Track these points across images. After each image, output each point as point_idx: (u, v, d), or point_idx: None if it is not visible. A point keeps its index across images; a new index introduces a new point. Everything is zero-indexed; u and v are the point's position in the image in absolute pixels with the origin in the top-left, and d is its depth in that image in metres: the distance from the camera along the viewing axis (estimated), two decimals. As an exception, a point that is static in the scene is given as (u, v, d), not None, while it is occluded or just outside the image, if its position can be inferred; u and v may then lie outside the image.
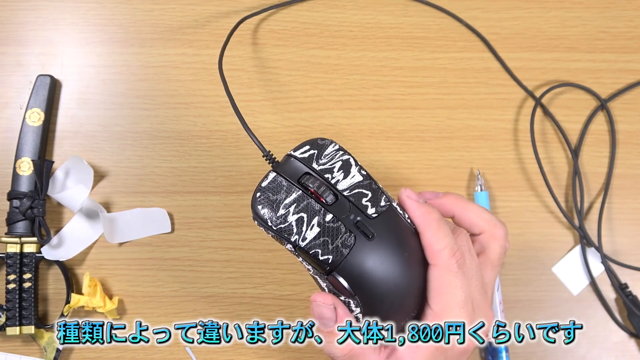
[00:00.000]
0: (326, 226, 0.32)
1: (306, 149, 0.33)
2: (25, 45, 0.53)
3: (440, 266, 0.32)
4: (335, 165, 0.33)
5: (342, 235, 0.32)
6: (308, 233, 0.32)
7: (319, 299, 0.33)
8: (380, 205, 0.32)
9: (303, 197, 0.32)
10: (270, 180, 0.32)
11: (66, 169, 0.50)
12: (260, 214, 0.32)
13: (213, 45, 0.53)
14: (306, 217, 0.32)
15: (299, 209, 0.32)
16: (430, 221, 0.32)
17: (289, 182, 0.32)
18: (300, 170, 0.32)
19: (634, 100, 0.55)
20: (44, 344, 0.48)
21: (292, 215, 0.32)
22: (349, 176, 0.33)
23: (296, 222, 0.32)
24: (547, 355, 0.51)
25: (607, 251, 0.52)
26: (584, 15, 0.56)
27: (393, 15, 0.55)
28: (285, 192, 0.32)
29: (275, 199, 0.32)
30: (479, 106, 0.54)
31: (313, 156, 0.33)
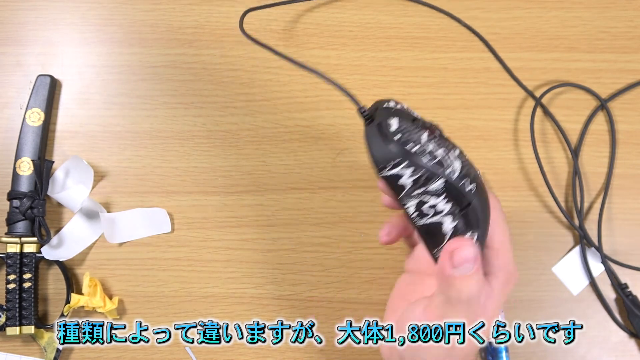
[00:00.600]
0: (463, 159, 0.31)
1: (393, 102, 0.33)
2: (25, 45, 0.53)
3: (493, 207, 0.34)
4: (419, 116, 0.32)
5: (474, 169, 0.32)
6: (454, 162, 0.31)
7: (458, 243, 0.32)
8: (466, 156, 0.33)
9: (426, 132, 0.31)
10: (396, 123, 0.31)
11: (66, 169, 0.50)
12: (408, 151, 0.30)
13: (213, 45, 0.53)
14: (442, 150, 0.31)
15: (430, 139, 0.31)
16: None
17: (413, 125, 0.31)
18: (408, 115, 0.32)
19: (634, 100, 0.55)
20: (44, 344, 0.48)
21: (429, 144, 0.30)
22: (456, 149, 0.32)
23: (442, 155, 0.30)
24: (547, 355, 0.51)
25: (607, 251, 0.52)
26: (584, 15, 0.56)
27: (393, 15, 0.55)
28: (413, 128, 0.31)
29: (410, 137, 0.30)
30: (479, 106, 0.54)
31: (402, 107, 0.32)
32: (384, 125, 0.30)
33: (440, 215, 0.31)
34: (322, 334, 0.50)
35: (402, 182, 0.30)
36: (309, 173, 0.52)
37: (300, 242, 0.51)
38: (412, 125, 0.30)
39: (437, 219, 0.32)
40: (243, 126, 0.52)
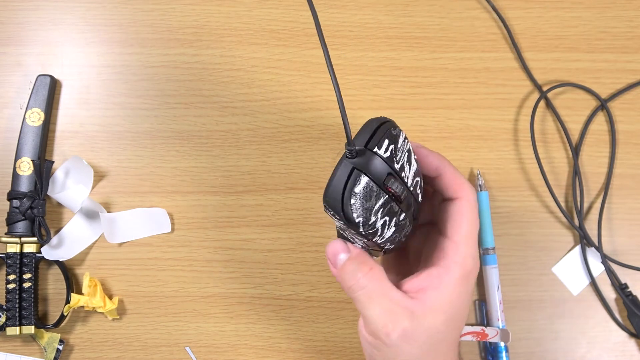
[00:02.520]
0: (399, 224, 0.33)
1: (386, 144, 0.31)
2: (25, 45, 0.53)
3: (464, 199, 0.34)
4: (404, 158, 0.32)
5: (406, 228, 0.34)
6: (386, 232, 0.32)
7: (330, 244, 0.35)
8: (421, 187, 0.34)
9: (388, 201, 0.32)
10: (364, 185, 0.31)
11: (66, 169, 0.50)
12: (353, 220, 0.31)
13: (213, 45, 0.53)
14: (388, 219, 0.32)
15: (384, 213, 0.32)
16: (447, 162, 0.35)
17: (378, 188, 0.31)
18: (384, 172, 0.31)
19: (634, 100, 0.55)
20: (44, 344, 0.48)
21: (379, 220, 0.32)
22: (411, 167, 0.33)
23: (381, 225, 0.32)
24: (547, 355, 0.51)
25: (607, 251, 0.52)
26: (584, 15, 0.56)
27: (393, 15, 0.55)
28: (376, 197, 0.31)
29: (368, 207, 0.31)
30: (479, 106, 0.54)
31: (392, 153, 0.32)
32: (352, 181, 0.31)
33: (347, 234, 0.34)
34: (322, 334, 0.50)
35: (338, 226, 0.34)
36: (309, 173, 0.52)
37: (300, 242, 0.51)
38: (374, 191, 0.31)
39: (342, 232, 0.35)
40: (243, 126, 0.52)
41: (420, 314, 0.33)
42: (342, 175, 0.31)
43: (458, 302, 0.34)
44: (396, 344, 0.32)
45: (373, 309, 0.33)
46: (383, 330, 0.33)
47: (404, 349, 0.33)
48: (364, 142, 0.31)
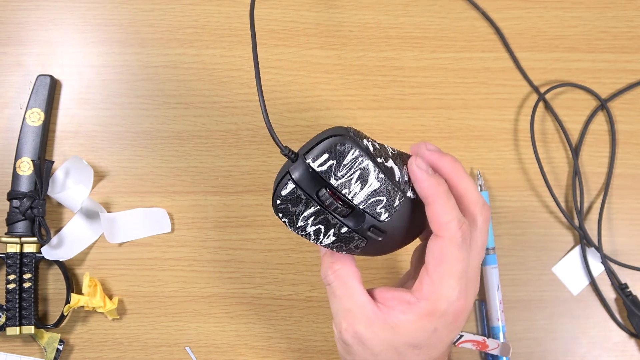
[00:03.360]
0: (341, 236, 0.33)
1: (324, 158, 0.31)
2: (25, 45, 0.53)
3: (445, 238, 0.32)
4: (353, 176, 0.31)
5: (355, 241, 0.33)
6: (325, 240, 0.33)
7: None
8: (393, 207, 0.33)
9: (321, 211, 0.32)
10: (290, 191, 0.32)
11: (66, 169, 0.50)
12: (281, 219, 0.33)
13: (213, 45, 0.53)
14: (323, 228, 0.33)
15: (316, 222, 0.32)
16: (439, 193, 0.32)
17: (307, 195, 0.32)
18: (317, 184, 0.32)
19: (634, 100, 0.55)
20: (44, 344, 0.48)
21: (310, 227, 0.33)
22: (366, 186, 0.32)
23: (314, 232, 0.33)
24: (547, 355, 0.51)
25: (607, 251, 0.52)
26: (584, 15, 0.56)
27: (393, 15, 0.55)
28: (304, 205, 0.32)
29: (295, 211, 0.32)
30: (479, 106, 0.54)
31: (331, 169, 0.31)
32: (282, 184, 0.32)
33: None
34: (322, 334, 0.50)
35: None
36: (309, 173, 0.52)
37: (300, 242, 0.51)
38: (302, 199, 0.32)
39: None
40: (243, 126, 0.52)
41: (378, 326, 0.33)
42: (278, 175, 0.32)
43: (423, 336, 0.33)
44: (349, 343, 0.34)
45: (334, 305, 0.35)
46: (338, 327, 0.34)
47: (358, 350, 0.34)
48: (305, 150, 0.32)
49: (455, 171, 0.35)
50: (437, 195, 0.32)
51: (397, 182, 0.33)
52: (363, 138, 0.33)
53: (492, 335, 0.50)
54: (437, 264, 0.32)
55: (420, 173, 0.33)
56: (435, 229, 0.33)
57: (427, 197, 0.33)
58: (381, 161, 0.32)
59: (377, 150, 0.33)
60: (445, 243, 0.32)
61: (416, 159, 0.33)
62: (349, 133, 0.32)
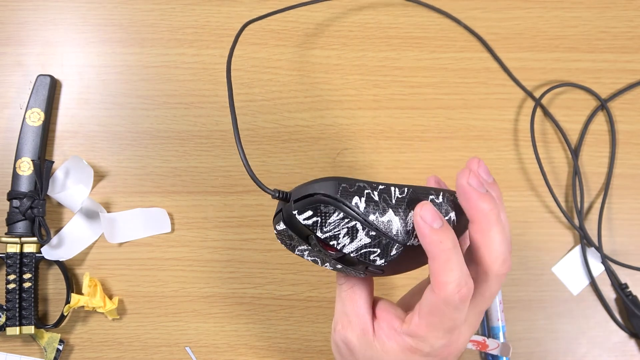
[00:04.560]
0: (339, 269, 0.33)
1: (309, 214, 0.30)
2: (25, 45, 0.53)
3: (439, 297, 0.30)
4: (340, 231, 0.31)
5: (357, 273, 0.33)
6: (325, 266, 0.34)
7: None
8: (390, 255, 0.31)
9: (314, 248, 0.32)
10: (282, 229, 0.32)
11: (66, 169, 0.50)
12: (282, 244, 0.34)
13: (213, 45, 0.53)
14: (319, 260, 0.33)
15: (312, 255, 0.33)
16: (440, 252, 0.30)
17: (298, 237, 0.32)
18: (306, 231, 0.31)
19: (634, 100, 0.55)
20: (44, 344, 0.48)
21: (307, 257, 0.34)
22: (355, 240, 0.31)
23: (312, 261, 0.34)
24: (547, 355, 0.51)
25: (607, 251, 0.52)
26: (584, 15, 0.56)
27: (393, 15, 0.55)
28: (297, 242, 0.32)
29: (290, 243, 0.33)
30: (479, 106, 0.54)
31: (316, 224, 0.31)
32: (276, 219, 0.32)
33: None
34: (322, 334, 0.50)
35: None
36: (309, 173, 0.52)
37: (300, 242, 0.51)
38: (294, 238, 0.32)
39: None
40: (243, 126, 0.52)
41: (366, 341, 0.33)
42: (277, 208, 0.33)
43: None
44: (339, 345, 0.35)
45: (337, 304, 0.35)
46: (334, 326, 0.35)
47: (345, 354, 0.35)
48: (295, 196, 0.31)
49: (487, 217, 0.32)
50: (438, 254, 0.30)
51: (394, 235, 0.31)
52: (355, 195, 0.30)
53: (492, 335, 0.50)
54: (428, 314, 0.31)
55: (423, 226, 0.30)
56: (432, 284, 0.31)
57: (428, 252, 0.31)
58: (374, 217, 0.31)
59: (371, 204, 0.31)
60: (439, 302, 0.30)
61: (421, 208, 0.31)
62: (338, 193, 0.30)
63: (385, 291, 0.51)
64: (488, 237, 0.31)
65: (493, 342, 0.49)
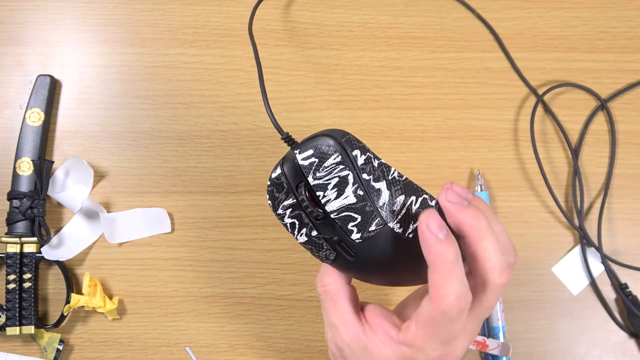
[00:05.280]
0: (311, 238, 0.33)
1: (309, 154, 0.31)
2: (25, 45, 0.53)
3: (438, 308, 0.30)
4: (331, 181, 0.31)
5: (325, 250, 0.33)
6: (299, 237, 0.34)
7: None
8: (368, 230, 0.31)
9: (296, 206, 0.33)
10: (277, 175, 0.32)
11: (66, 169, 0.50)
12: (268, 200, 0.34)
13: (213, 45, 0.53)
14: (297, 224, 0.33)
15: (293, 215, 0.33)
16: (443, 263, 0.30)
17: (288, 185, 0.32)
18: (299, 177, 0.32)
19: (634, 100, 0.55)
20: (44, 344, 0.48)
21: (287, 217, 0.33)
22: (341, 196, 0.31)
23: (290, 225, 0.33)
24: (547, 355, 0.51)
25: (607, 251, 0.52)
26: (584, 15, 0.56)
27: (393, 15, 0.55)
28: (285, 194, 0.33)
29: (277, 197, 0.33)
30: (479, 106, 0.54)
31: (312, 166, 0.31)
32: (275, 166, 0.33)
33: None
34: (322, 334, 0.50)
35: None
36: (309, 173, 0.52)
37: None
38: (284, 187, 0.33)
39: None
40: (243, 126, 0.52)
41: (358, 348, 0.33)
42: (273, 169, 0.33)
43: None
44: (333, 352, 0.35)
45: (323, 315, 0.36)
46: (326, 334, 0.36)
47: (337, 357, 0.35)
48: (302, 141, 0.32)
49: (476, 228, 0.31)
50: (440, 266, 0.30)
51: (379, 206, 0.31)
52: (357, 149, 0.31)
53: (492, 335, 0.50)
54: (425, 324, 0.31)
55: (429, 236, 0.30)
56: (431, 295, 0.30)
57: (430, 263, 0.30)
58: (367, 178, 0.31)
59: (369, 165, 0.31)
60: (437, 313, 0.30)
61: (428, 217, 0.30)
62: (343, 138, 0.31)
63: (382, 296, 0.51)
64: (481, 249, 0.31)
65: (493, 342, 0.49)
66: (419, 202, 0.32)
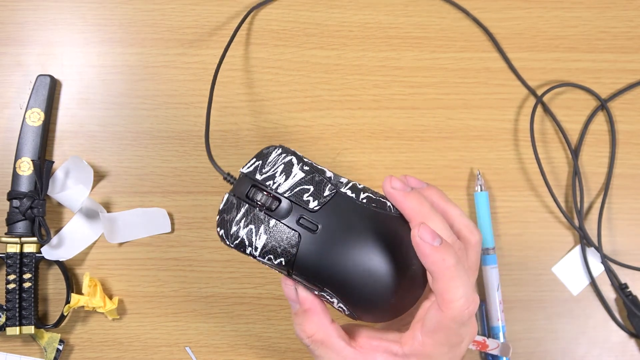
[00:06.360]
0: (271, 231, 0.33)
1: (252, 162, 0.35)
2: (25, 45, 0.53)
3: (447, 315, 0.30)
4: (277, 170, 0.34)
5: (287, 236, 0.33)
6: (258, 242, 0.33)
7: (285, 280, 0.34)
8: (323, 196, 0.33)
9: (249, 209, 0.33)
10: (225, 201, 0.35)
11: (66, 169, 0.50)
12: (220, 235, 0.34)
13: (213, 45, 0.53)
14: (254, 227, 0.33)
15: (247, 222, 0.33)
16: (444, 270, 0.30)
17: (238, 199, 0.34)
18: (247, 185, 0.34)
19: (634, 100, 0.55)
20: (44, 344, 0.48)
21: (242, 229, 0.33)
22: (290, 176, 0.34)
23: (247, 235, 0.33)
24: (547, 355, 0.51)
25: (607, 251, 0.52)
26: (584, 15, 0.56)
27: (393, 15, 0.55)
28: (236, 209, 0.34)
29: (229, 218, 0.34)
30: (479, 106, 0.54)
31: (257, 167, 0.34)
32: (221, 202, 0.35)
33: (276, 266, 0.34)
34: (322, 334, 0.50)
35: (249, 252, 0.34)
36: (309, 173, 0.52)
37: (300, 242, 0.51)
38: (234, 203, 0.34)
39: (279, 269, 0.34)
40: (243, 126, 0.52)
41: None
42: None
43: None
44: None
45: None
46: None
47: None
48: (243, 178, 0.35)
49: (442, 200, 0.35)
50: (442, 272, 0.30)
51: (326, 177, 0.34)
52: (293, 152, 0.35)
53: (492, 335, 0.50)
54: (434, 332, 0.31)
55: (424, 246, 0.30)
56: (439, 303, 0.30)
57: (432, 273, 0.31)
58: (308, 161, 0.35)
59: (305, 160, 0.35)
60: (446, 319, 0.30)
61: (419, 228, 0.31)
62: (278, 145, 0.35)
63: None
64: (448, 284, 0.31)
65: (493, 342, 0.49)
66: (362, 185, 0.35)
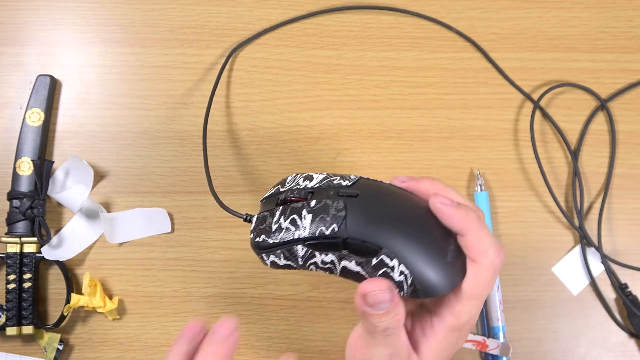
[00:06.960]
0: (315, 209, 0.33)
1: (270, 189, 0.38)
2: (25, 45, 0.53)
3: (483, 265, 0.32)
4: (298, 181, 0.36)
5: (332, 205, 0.33)
6: (304, 222, 0.33)
7: (370, 286, 0.32)
8: (351, 178, 0.35)
9: (285, 208, 0.34)
10: (255, 220, 0.36)
11: (66, 169, 0.50)
12: (261, 244, 0.34)
13: (213, 45, 0.53)
14: (296, 215, 0.33)
15: (287, 216, 0.34)
16: (471, 222, 0.32)
17: (270, 210, 0.35)
18: (274, 198, 0.36)
19: (634, 100, 0.55)
20: (44, 344, 0.48)
21: (284, 222, 0.34)
22: (313, 180, 0.36)
23: (290, 222, 0.33)
24: (547, 355, 0.51)
25: (607, 251, 0.52)
26: (584, 15, 0.56)
27: (393, 15, 0.55)
28: (270, 216, 0.34)
29: (265, 224, 0.34)
30: (478, 106, 0.54)
31: (278, 188, 0.37)
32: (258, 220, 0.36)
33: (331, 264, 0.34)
34: (322, 334, 0.50)
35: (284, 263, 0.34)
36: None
37: (300, 242, 0.51)
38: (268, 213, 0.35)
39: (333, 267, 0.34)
40: (243, 126, 0.52)
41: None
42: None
43: (445, 353, 0.34)
44: None
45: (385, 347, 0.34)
46: None
47: None
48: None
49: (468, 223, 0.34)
50: (469, 225, 0.32)
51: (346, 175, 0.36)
52: None
53: (492, 335, 0.50)
54: (474, 286, 0.33)
55: (446, 208, 0.33)
56: (472, 257, 0.33)
57: (459, 230, 0.33)
58: None
59: None
60: (483, 269, 0.32)
61: (436, 198, 0.33)
62: None
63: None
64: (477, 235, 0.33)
65: (493, 342, 0.49)
66: None
